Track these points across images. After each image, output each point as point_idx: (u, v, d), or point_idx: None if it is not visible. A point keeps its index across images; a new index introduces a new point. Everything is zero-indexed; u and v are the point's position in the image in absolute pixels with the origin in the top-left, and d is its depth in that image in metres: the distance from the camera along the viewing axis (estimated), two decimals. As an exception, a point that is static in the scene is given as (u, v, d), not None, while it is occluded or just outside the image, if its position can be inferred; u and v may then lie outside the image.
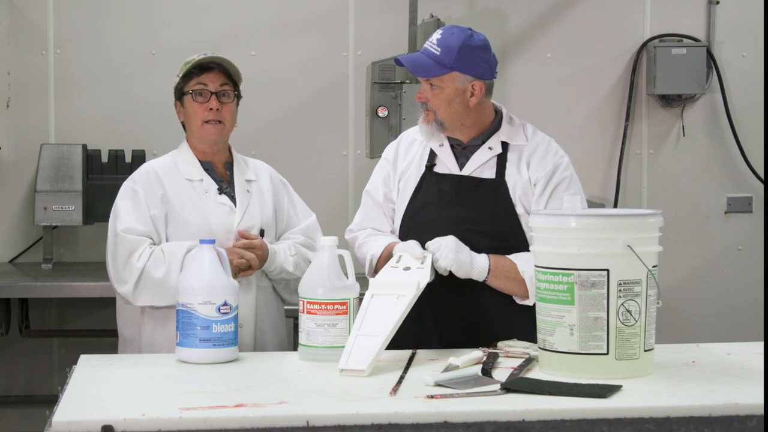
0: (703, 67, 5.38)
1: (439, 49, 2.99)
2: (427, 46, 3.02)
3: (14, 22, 5.09)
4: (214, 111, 3.19)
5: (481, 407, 2.26)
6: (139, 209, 3.15)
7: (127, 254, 3.11)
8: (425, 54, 3.01)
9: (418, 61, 3.01)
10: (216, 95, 3.20)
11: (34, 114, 5.11)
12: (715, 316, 5.52)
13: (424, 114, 3.07)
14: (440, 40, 3.00)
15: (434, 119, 3.04)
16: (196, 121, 3.21)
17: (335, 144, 5.31)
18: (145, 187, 3.19)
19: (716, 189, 5.53)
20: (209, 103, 3.19)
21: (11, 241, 5.11)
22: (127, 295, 3.11)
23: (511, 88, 5.34)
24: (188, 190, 3.20)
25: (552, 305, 2.58)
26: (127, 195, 3.19)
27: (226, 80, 3.22)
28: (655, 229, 2.62)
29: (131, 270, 3.09)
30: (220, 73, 3.21)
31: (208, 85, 3.20)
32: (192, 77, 3.21)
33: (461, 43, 2.99)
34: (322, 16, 5.28)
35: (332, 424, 2.19)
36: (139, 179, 3.22)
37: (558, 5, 5.42)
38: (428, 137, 3.10)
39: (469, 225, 3.04)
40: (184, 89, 3.22)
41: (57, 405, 2.29)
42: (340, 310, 2.77)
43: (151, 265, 3.08)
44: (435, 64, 2.99)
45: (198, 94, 3.19)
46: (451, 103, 3.02)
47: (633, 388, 2.43)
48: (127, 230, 3.12)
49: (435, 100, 3.03)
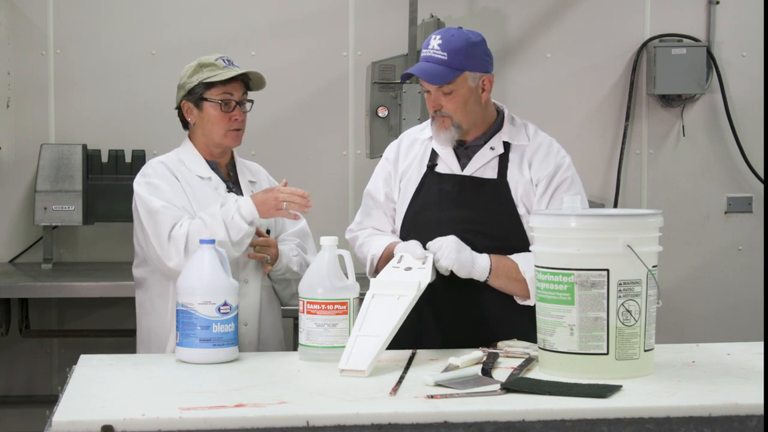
0: (703, 67, 5.38)
1: (445, 54, 2.98)
2: (430, 54, 3.00)
3: (14, 22, 5.09)
4: (239, 121, 3.19)
5: (481, 407, 2.26)
6: (164, 194, 3.10)
7: (170, 227, 3.04)
8: (432, 62, 3.00)
9: (430, 71, 2.99)
10: (239, 104, 3.20)
11: (34, 114, 5.11)
12: (715, 316, 5.52)
13: (438, 122, 3.05)
14: (443, 45, 2.99)
15: (451, 124, 3.04)
16: (219, 129, 3.18)
17: (335, 144, 5.31)
18: (163, 178, 3.15)
19: (716, 189, 5.54)
20: (234, 114, 3.18)
21: (11, 241, 5.11)
22: (178, 267, 2.97)
23: (511, 88, 5.34)
24: (201, 186, 3.18)
25: (552, 305, 2.57)
26: (149, 185, 3.13)
27: (245, 89, 3.23)
28: (655, 229, 2.62)
29: (176, 241, 3.03)
30: (242, 83, 3.22)
31: (233, 95, 3.19)
32: (215, 85, 3.17)
33: (465, 42, 2.99)
34: (322, 16, 5.28)
35: (332, 424, 2.19)
36: (152, 173, 3.17)
37: (558, 5, 5.42)
38: (448, 143, 3.08)
39: (471, 225, 3.04)
40: (205, 95, 3.18)
41: (57, 405, 2.29)
42: (340, 310, 2.77)
43: (193, 229, 3.02)
44: (447, 69, 2.98)
45: (225, 104, 3.18)
46: (466, 103, 3.02)
47: (633, 388, 2.43)
48: (165, 206, 3.07)
49: (450, 105, 3.02)
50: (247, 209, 3.04)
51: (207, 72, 3.18)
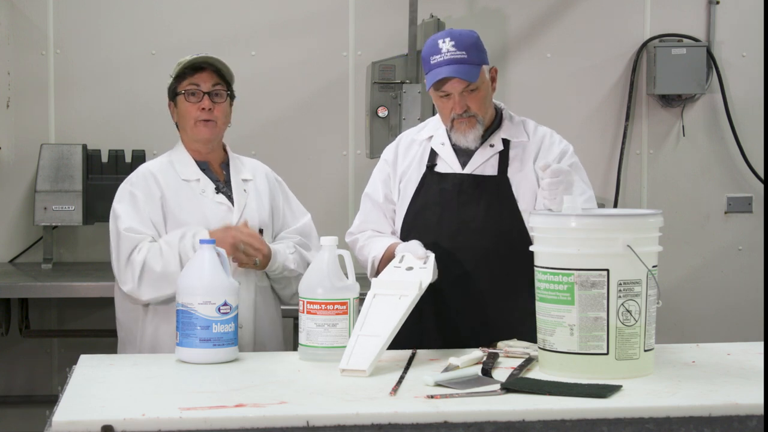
0: (703, 67, 5.38)
1: (464, 52, 2.98)
2: (449, 57, 2.97)
3: (14, 22, 5.09)
4: (207, 111, 3.20)
5: (481, 407, 2.26)
6: (138, 211, 3.16)
7: (129, 252, 3.11)
8: (455, 63, 2.97)
9: (462, 70, 2.97)
10: (208, 95, 3.21)
11: (34, 114, 5.11)
12: (715, 316, 5.52)
13: (464, 123, 3.03)
14: (457, 44, 2.98)
15: (477, 122, 3.04)
16: (189, 121, 3.21)
17: (335, 144, 5.31)
18: (143, 189, 3.20)
19: (716, 189, 5.54)
20: (201, 103, 3.20)
21: (11, 241, 5.11)
22: (132, 293, 3.11)
23: (512, 88, 5.34)
24: (185, 191, 3.21)
25: (552, 305, 2.57)
26: (125, 198, 3.20)
27: (218, 80, 3.23)
28: (655, 229, 2.62)
29: (132, 266, 3.09)
30: (212, 73, 3.22)
31: (200, 86, 3.21)
32: (185, 77, 3.22)
33: (474, 39, 3.03)
34: (322, 16, 5.28)
35: (332, 424, 2.19)
36: (136, 181, 3.23)
37: (558, 5, 5.42)
38: (476, 143, 3.06)
39: (472, 223, 3.04)
40: (177, 89, 3.23)
41: (57, 405, 2.29)
42: (340, 310, 2.77)
43: (150, 258, 3.08)
44: (472, 67, 2.99)
45: (191, 94, 3.20)
46: (486, 97, 3.06)
47: (633, 388, 2.43)
48: (129, 229, 3.13)
49: (476, 102, 3.02)
50: None
51: (178, 68, 3.24)
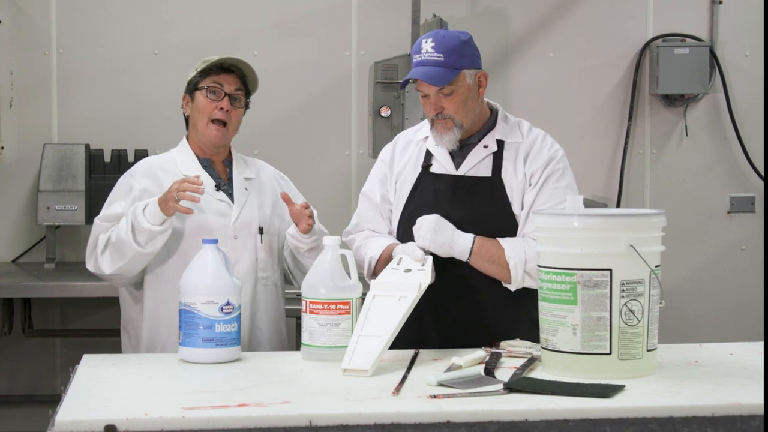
0: (705, 66, 5.38)
1: (441, 55, 2.98)
2: (426, 57, 2.98)
3: (17, 22, 5.09)
4: (224, 112, 3.20)
5: (484, 407, 2.26)
6: (130, 202, 3.17)
7: (96, 236, 3.16)
8: (429, 65, 2.98)
9: (431, 73, 2.97)
10: (229, 97, 3.21)
11: (36, 114, 5.12)
12: (718, 315, 5.52)
13: (440, 125, 3.04)
14: (437, 47, 2.98)
15: (453, 125, 3.03)
16: (203, 118, 3.21)
17: (338, 144, 5.31)
18: (142, 182, 3.21)
19: (719, 189, 5.53)
20: (221, 103, 3.20)
21: (14, 241, 5.12)
22: (95, 271, 3.15)
23: (514, 88, 5.34)
24: None
25: (555, 305, 2.57)
26: (122, 188, 3.23)
27: (241, 86, 3.25)
28: (657, 229, 2.62)
29: (96, 244, 3.15)
30: (237, 78, 3.24)
31: (224, 86, 3.21)
32: (209, 75, 3.22)
33: (457, 42, 3.00)
34: (325, 16, 5.28)
35: (335, 423, 2.19)
36: (136, 174, 3.25)
37: (560, 5, 5.42)
38: (452, 145, 3.07)
39: (466, 224, 3.03)
40: (199, 84, 3.23)
41: (60, 404, 2.29)
42: (342, 309, 2.77)
43: (111, 233, 3.12)
44: (446, 70, 2.98)
45: (212, 92, 3.21)
46: (466, 102, 3.03)
47: (636, 388, 2.43)
48: (105, 218, 3.17)
49: (450, 105, 3.02)
50: (151, 209, 3.06)
51: (205, 64, 3.25)
